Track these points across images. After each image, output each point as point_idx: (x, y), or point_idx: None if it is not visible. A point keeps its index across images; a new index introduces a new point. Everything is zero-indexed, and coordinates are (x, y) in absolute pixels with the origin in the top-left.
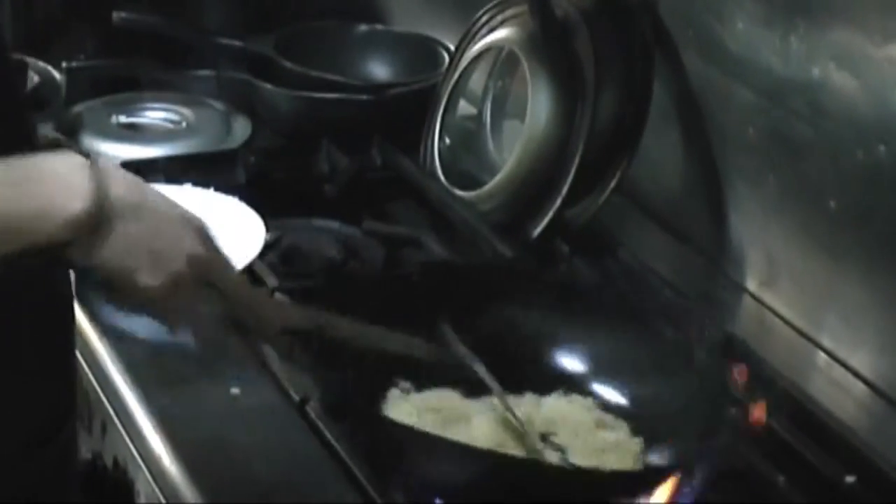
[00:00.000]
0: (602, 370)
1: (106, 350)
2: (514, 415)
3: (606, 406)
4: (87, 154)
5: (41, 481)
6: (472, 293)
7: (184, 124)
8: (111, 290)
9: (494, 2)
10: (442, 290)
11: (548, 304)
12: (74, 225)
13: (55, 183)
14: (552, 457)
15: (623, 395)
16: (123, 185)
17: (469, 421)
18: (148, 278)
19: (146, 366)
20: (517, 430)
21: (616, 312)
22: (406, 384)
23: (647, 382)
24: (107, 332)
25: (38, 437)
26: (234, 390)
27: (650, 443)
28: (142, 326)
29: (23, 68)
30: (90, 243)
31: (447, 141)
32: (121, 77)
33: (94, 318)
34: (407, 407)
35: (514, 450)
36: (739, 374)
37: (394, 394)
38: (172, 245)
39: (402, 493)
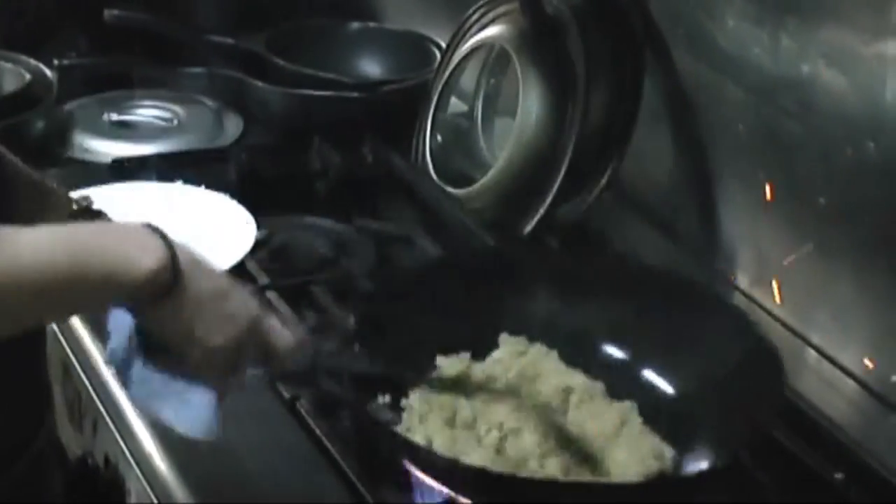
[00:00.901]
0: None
1: (97, 349)
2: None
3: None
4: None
5: (13, 494)
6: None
7: (175, 122)
8: (165, 351)
9: None
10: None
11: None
12: (151, 282)
13: (129, 242)
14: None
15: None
16: (186, 248)
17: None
18: (216, 340)
19: None
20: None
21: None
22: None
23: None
24: (97, 332)
25: (4, 457)
26: None
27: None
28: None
29: None
30: (161, 303)
31: (438, 138)
32: (113, 75)
33: (83, 318)
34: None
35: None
36: None
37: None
38: (239, 309)
39: (393, 491)
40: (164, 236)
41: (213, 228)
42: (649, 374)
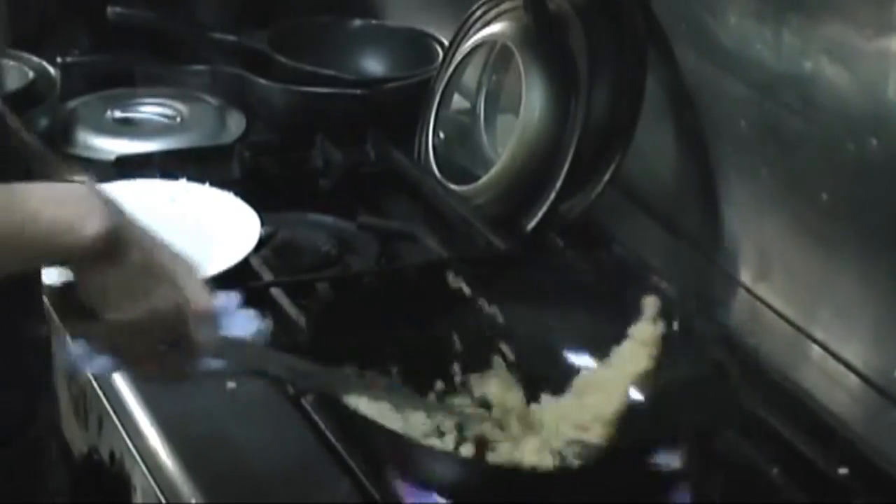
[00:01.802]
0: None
1: None
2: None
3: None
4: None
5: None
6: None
7: (178, 119)
8: (85, 315)
9: None
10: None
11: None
12: (90, 248)
13: (74, 206)
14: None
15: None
16: (133, 221)
17: None
18: (127, 313)
19: None
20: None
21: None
22: None
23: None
24: None
25: None
26: (230, 384)
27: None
28: None
29: None
30: (96, 267)
31: (441, 135)
32: (116, 72)
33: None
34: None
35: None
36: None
37: None
38: (162, 291)
39: (400, 487)
40: (112, 204)
41: (217, 225)
42: None
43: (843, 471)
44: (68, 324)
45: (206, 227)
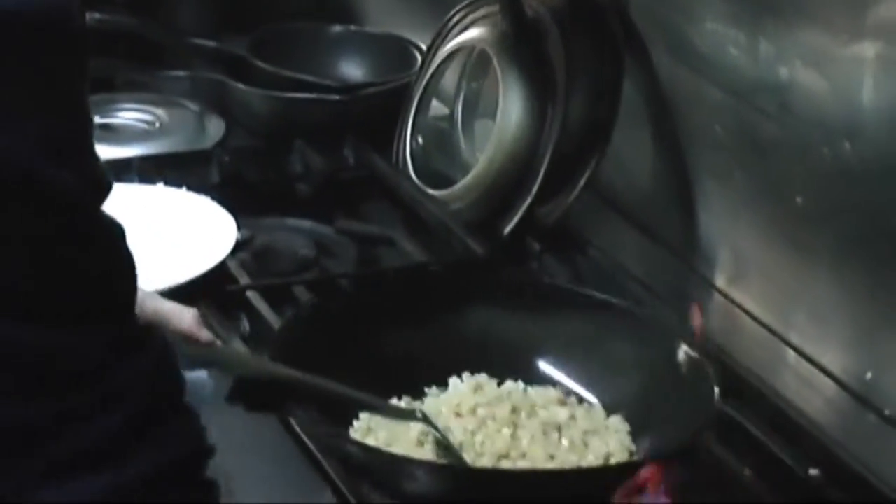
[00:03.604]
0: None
1: None
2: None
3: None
4: None
5: None
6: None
7: (158, 124)
8: None
9: (466, 2)
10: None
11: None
12: None
13: None
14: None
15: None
16: None
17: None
18: None
19: None
20: None
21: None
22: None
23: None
24: None
25: None
26: (207, 388)
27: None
28: None
29: None
30: None
31: (419, 140)
32: (95, 78)
33: None
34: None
35: None
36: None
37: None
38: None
39: (376, 490)
40: None
41: (195, 230)
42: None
43: (815, 472)
44: None
45: (183, 232)
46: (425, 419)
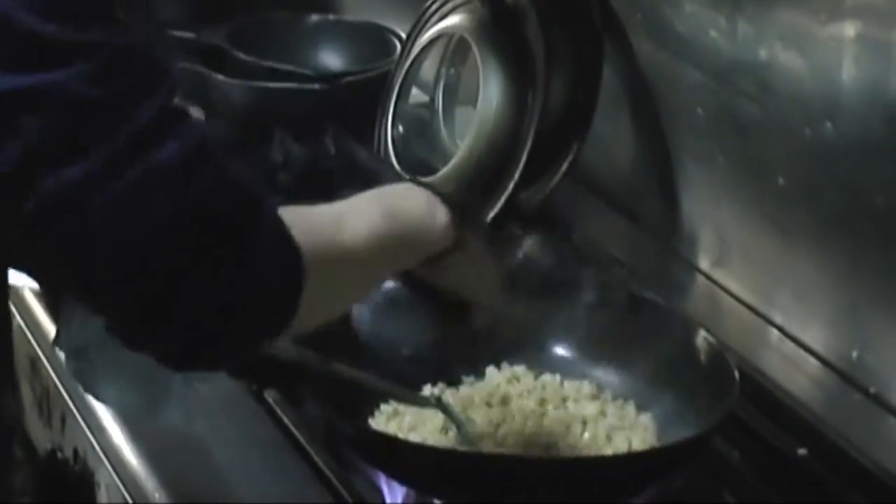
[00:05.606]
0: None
1: None
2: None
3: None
4: None
5: None
6: None
7: None
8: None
9: None
10: None
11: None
12: (444, 238)
13: (423, 202)
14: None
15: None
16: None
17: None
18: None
19: None
20: None
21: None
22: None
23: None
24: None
25: None
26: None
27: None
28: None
29: None
30: (446, 258)
31: (400, 129)
32: None
33: (49, 313)
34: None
35: None
36: None
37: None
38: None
39: (364, 480)
40: (440, 195)
41: None
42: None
43: (802, 451)
44: None
45: None
46: (439, 405)
